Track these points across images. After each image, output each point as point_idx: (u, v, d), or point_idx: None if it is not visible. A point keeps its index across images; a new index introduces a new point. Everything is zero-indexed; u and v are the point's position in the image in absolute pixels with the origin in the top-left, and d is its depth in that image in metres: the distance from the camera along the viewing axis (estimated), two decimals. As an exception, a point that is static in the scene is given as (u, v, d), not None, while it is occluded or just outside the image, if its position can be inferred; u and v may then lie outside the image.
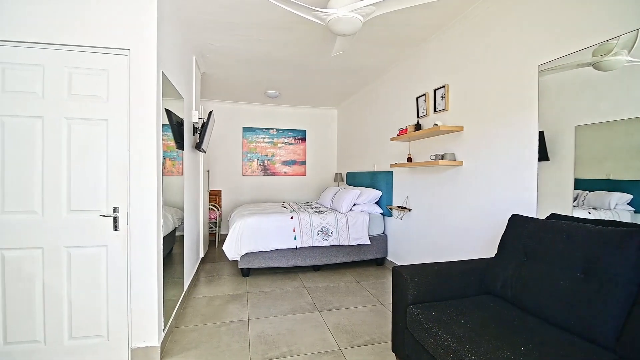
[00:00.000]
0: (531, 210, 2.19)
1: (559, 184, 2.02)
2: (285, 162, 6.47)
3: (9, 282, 1.94)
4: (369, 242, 4.07)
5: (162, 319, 2.23)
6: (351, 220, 4.04)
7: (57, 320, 2.00)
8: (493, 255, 2.23)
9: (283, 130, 6.44)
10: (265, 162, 6.37)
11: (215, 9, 2.75)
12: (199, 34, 3.23)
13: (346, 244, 3.97)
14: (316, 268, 4.06)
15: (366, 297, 3.20)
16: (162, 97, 2.25)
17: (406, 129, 3.47)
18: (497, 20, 2.51)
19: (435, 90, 3.23)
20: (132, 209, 2.08)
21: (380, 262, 4.30)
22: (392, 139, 3.72)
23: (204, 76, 4.56)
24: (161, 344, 2.16)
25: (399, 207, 3.88)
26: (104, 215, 2.06)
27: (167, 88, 2.41)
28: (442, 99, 3.12)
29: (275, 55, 3.79)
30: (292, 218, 3.88)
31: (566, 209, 1.95)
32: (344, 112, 6.25)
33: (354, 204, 4.28)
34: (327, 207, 4.67)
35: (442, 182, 3.16)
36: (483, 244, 2.63)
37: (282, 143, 6.44)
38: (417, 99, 3.54)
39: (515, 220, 1.97)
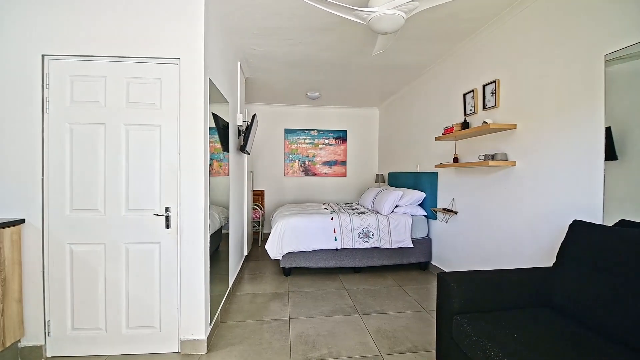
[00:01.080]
0: (596, 215, 1.97)
1: (630, 186, 1.80)
2: (326, 163, 6.49)
3: (77, 274, 2.15)
4: (412, 246, 3.95)
5: (209, 314, 2.33)
6: (393, 223, 3.94)
7: (116, 310, 2.18)
8: (550, 265, 2.04)
9: (324, 131, 6.47)
10: (306, 162, 6.44)
11: (259, 15, 2.82)
12: (243, 40, 3.35)
13: (387, 246, 3.88)
14: (356, 270, 4.02)
15: (408, 302, 3.10)
16: (209, 102, 2.36)
17: (452, 127, 3.31)
18: (557, 7, 2.29)
19: (484, 86, 3.04)
20: (182, 208, 2.20)
21: (423, 266, 4.15)
22: (436, 139, 3.57)
23: (248, 80, 4.72)
24: (207, 337, 2.26)
25: (444, 209, 3.71)
26: (157, 215, 2.20)
27: (214, 93, 2.52)
28: (492, 95, 2.93)
29: (316, 57, 3.81)
30: (332, 219, 3.88)
31: (639, 215, 1.73)
32: (386, 111, 6.12)
33: (396, 206, 4.18)
34: (368, 209, 4.61)
35: (492, 184, 2.97)
36: (538, 252, 2.42)
37: (323, 144, 6.47)
38: (464, 95, 3.36)
39: (578, 227, 1.78)
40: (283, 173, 6.40)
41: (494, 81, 2.90)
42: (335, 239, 3.81)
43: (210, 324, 2.36)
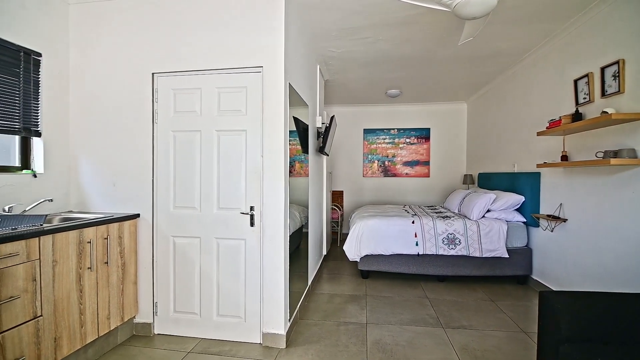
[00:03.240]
0: None
1: None
2: (407, 163, 6.21)
3: (178, 263, 2.45)
4: (507, 256, 3.50)
5: (288, 310, 2.42)
6: (484, 229, 3.55)
7: (209, 299, 2.41)
8: None
9: (405, 129, 6.21)
10: (386, 163, 6.26)
11: (337, 16, 2.83)
12: (322, 43, 3.40)
13: (477, 255, 3.51)
14: (441, 278, 3.74)
15: (502, 319, 2.75)
16: (289, 106, 2.45)
17: (559, 120, 2.82)
18: None
19: (603, 69, 2.52)
20: (264, 208, 2.33)
21: (521, 280, 3.64)
22: (539, 134, 3.09)
23: (327, 83, 4.79)
24: (287, 332, 2.34)
25: (548, 216, 3.19)
26: (243, 213, 2.37)
27: (294, 97, 2.61)
28: (614, 79, 2.41)
29: (396, 53, 3.66)
30: (413, 222, 3.68)
31: None
32: (475, 105, 5.58)
33: (488, 210, 3.76)
34: (454, 212, 4.25)
35: (614, 187, 2.44)
36: (687, 273, 1.89)
37: (404, 143, 6.21)
38: (575, 82, 2.84)
39: None
40: (362, 174, 6.34)
41: (617, 62, 2.38)
42: (417, 244, 3.60)
43: (289, 320, 2.44)
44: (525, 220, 3.63)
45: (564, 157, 2.94)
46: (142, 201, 2.46)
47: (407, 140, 6.21)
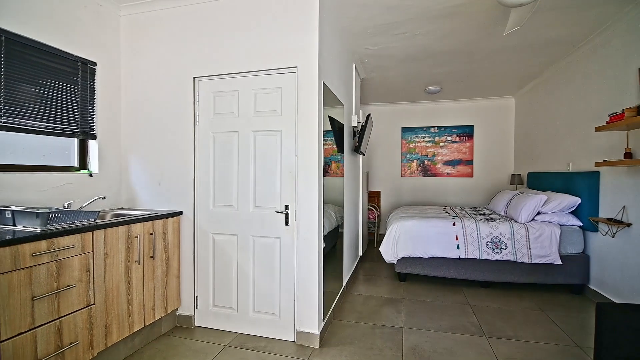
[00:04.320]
0: None
1: None
2: (448, 162, 5.95)
3: (217, 259, 2.54)
4: (560, 262, 3.22)
5: (322, 310, 2.41)
6: (533, 233, 3.29)
7: (245, 295, 2.47)
8: None
9: (446, 127, 5.95)
10: (426, 162, 6.04)
11: (373, 12, 2.78)
12: (357, 41, 3.36)
13: (525, 260, 3.27)
14: (484, 284, 3.53)
15: (553, 331, 2.53)
16: (324, 105, 2.44)
17: (622, 113, 2.54)
18: None
19: (678, 54, 2.22)
20: (298, 207, 2.34)
21: (576, 289, 3.33)
22: (597, 129, 2.80)
23: (363, 81, 4.73)
24: (320, 332, 2.34)
25: (609, 219, 2.89)
26: (278, 212, 2.40)
27: (329, 97, 2.60)
28: (694, 65, 2.11)
29: (435, 48, 3.52)
30: (454, 224, 3.51)
31: None
32: (524, 100, 5.20)
33: (538, 213, 3.48)
34: (499, 215, 4.00)
35: (692, 188, 2.14)
36: None
37: (445, 141, 5.96)
38: (642, 70, 2.54)
39: None
40: (400, 174, 6.18)
41: (697, 45, 2.08)
42: (458, 247, 3.43)
43: (323, 320, 2.43)
44: (581, 224, 3.31)
45: (628, 155, 2.63)
46: (185, 199, 2.58)
47: (449, 138, 5.94)
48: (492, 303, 3.09)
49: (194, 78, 2.55)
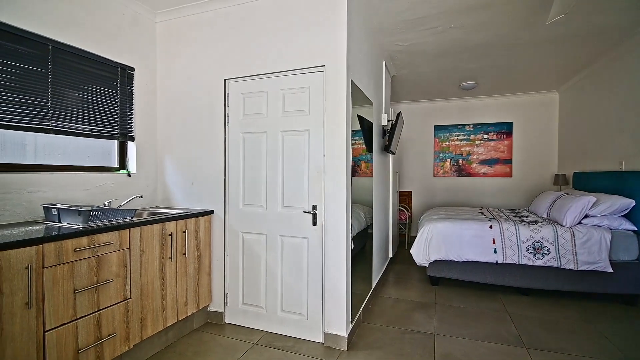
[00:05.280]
0: None
1: None
2: (485, 162, 5.67)
3: (246, 258, 2.57)
4: (611, 270, 2.94)
5: (350, 313, 2.37)
6: (580, 237, 3.04)
7: (273, 294, 2.48)
8: None
9: (482, 125, 5.67)
10: (460, 161, 5.80)
11: (403, 7, 2.69)
12: (387, 38, 3.28)
13: (571, 267, 3.03)
14: (524, 291, 3.31)
15: (602, 345, 2.31)
16: (353, 104, 2.40)
17: (687, 106, 2.27)
18: None
19: None
20: (326, 207, 2.31)
21: (629, 300, 3.03)
22: (656, 124, 2.54)
23: (393, 79, 4.62)
24: (348, 335, 2.30)
25: (670, 224, 2.60)
26: (305, 212, 2.39)
27: (357, 95, 2.55)
28: None
29: (470, 41, 3.35)
30: (491, 227, 3.32)
31: None
32: (569, 94, 4.83)
33: (586, 216, 3.21)
34: (541, 217, 3.74)
35: None
36: None
37: (481, 140, 5.68)
38: None
39: None
40: (432, 173, 5.98)
41: None
42: (495, 251, 3.25)
43: (351, 322, 2.39)
44: (635, 229, 3.02)
45: (695, 152, 2.35)
46: (216, 199, 2.64)
47: (485, 136, 5.66)
48: (532, 312, 2.89)
49: (225, 80, 2.60)
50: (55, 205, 1.90)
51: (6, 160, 1.98)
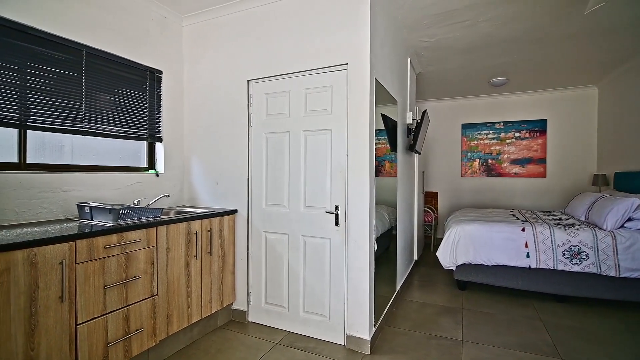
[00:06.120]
0: None
1: None
2: (517, 161, 5.41)
3: (269, 257, 2.58)
4: (659, 278, 2.72)
5: (373, 316, 2.32)
6: (622, 242, 2.83)
7: (295, 294, 2.48)
8: None
9: (513, 122, 5.42)
10: (489, 161, 5.57)
11: (428, 1, 2.61)
12: (412, 34, 3.19)
13: (612, 274, 2.82)
14: (559, 298, 3.12)
15: (652, 360, 2.13)
16: (376, 102, 2.35)
17: None
18: None
19: None
20: (349, 208, 2.28)
21: (683, 311, 2.79)
22: None
23: (419, 76, 4.50)
24: (371, 338, 2.25)
25: None
26: (328, 212, 2.37)
27: (381, 94, 2.50)
28: None
29: (501, 35, 3.20)
30: (523, 230, 3.16)
31: None
32: (611, 88, 4.52)
33: (629, 219, 2.98)
34: (578, 220, 3.52)
35: None
36: None
37: (512, 138, 5.43)
38: None
39: None
40: (460, 173, 5.78)
41: None
42: (528, 255, 3.08)
43: (374, 326, 2.34)
44: (689, 234, 2.76)
45: None
46: (239, 198, 2.68)
47: (517, 134, 5.41)
48: (569, 320, 2.72)
49: (248, 81, 2.62)
50: (88, 203, 1.99)
51: (46, 161, 2.09)
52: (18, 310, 1.36)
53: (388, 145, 2.88)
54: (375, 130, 2.37)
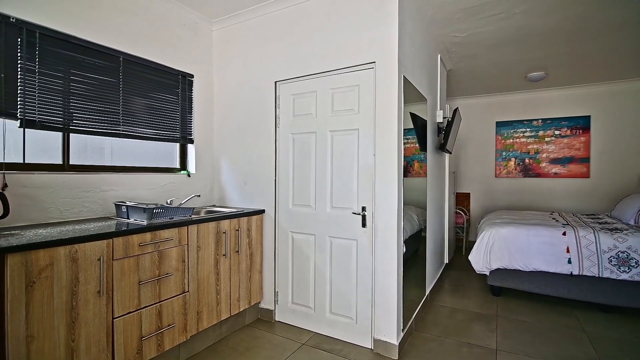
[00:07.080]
0: None
1: None
2: (556, 160, 5.10)
3: (295, 257, 2.59)
4: None
5: (402, 320, 2.26)
6: (680, 248, 2.58)
7: (322, 295, 2.47)
8: None
9: (552, 119, 5.11)
10: (527, 160, 5.28)
11: (459, -4, 2.52)
12: (442, 30, 3.09)
13: (668, 283, 2.58)
14: (604, 308, 2.89)
15: None
16: (405, 101, 2.29)
17: None
18: None
19: None
20: (376, 209, 2.24)
21: None
22: None
23: (449, 73, 4.35)
24: (399, 343, 2.19)
25: None
26: (355, 213, 2.34)
27: (410, 92, 2.43)
28: None
29: (537, 27, 3.02)
30: (564, 234, 2.96)
31: None
32: (666, 82, 4.14)
33: (688, 223, 2.72)
34: (627, 224, 3.25)
35: None
36: None
37: (552, 136, 5.12)
38: None
39: None
40: (494, 174, 5.53)
41: None
42: (569, 261, 2.88)
43: (403, 330, 2.28)
44: None
45: None
46: (267, 198, 2.71)
47: (557, 132, 5.09)
48: (615, 332, 2.51)
49: (275, 82, 2.65)
50: (125, 202, 2.08)
51: (88, 162, 2.22)
52: (60, 302, 1.44)
53: (417, 145, 2.81)
54: (404, 129, 2.31)
